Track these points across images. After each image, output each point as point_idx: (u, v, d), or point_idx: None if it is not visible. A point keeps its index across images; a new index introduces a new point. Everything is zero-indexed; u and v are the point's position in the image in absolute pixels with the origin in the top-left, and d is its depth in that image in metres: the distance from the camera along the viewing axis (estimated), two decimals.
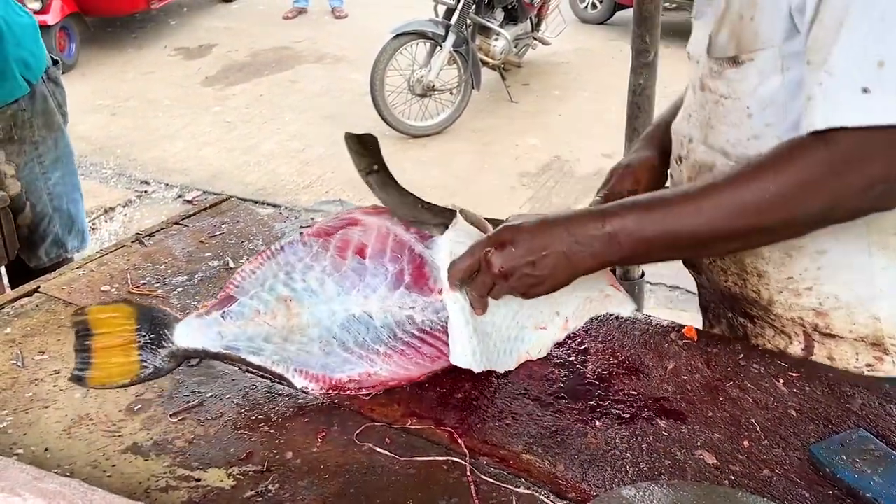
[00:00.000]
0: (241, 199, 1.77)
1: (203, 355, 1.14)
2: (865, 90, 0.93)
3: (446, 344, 1.15)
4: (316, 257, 1.17)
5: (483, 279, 1.10)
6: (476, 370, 1.14)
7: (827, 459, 1.02)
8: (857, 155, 0.95)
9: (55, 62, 2.31)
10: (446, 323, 1.15)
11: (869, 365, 1.21)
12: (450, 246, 1.15)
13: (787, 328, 1.26)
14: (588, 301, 1.24)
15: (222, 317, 1.13)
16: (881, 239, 1.14)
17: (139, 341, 1.11)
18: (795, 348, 1.26)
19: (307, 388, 1.13)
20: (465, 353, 1.13)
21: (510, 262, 1.06)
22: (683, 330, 1.30)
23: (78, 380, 1.11)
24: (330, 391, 1.14)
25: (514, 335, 1.18)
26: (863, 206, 1.00)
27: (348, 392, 1.15)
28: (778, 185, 0.98)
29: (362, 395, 1.15)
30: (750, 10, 1.10)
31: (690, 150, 1.28)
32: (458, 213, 1.18)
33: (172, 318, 1.14)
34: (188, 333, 1.12)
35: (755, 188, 0.99)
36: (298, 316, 1.13)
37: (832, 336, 1.22)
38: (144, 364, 1.11)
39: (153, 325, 1.12)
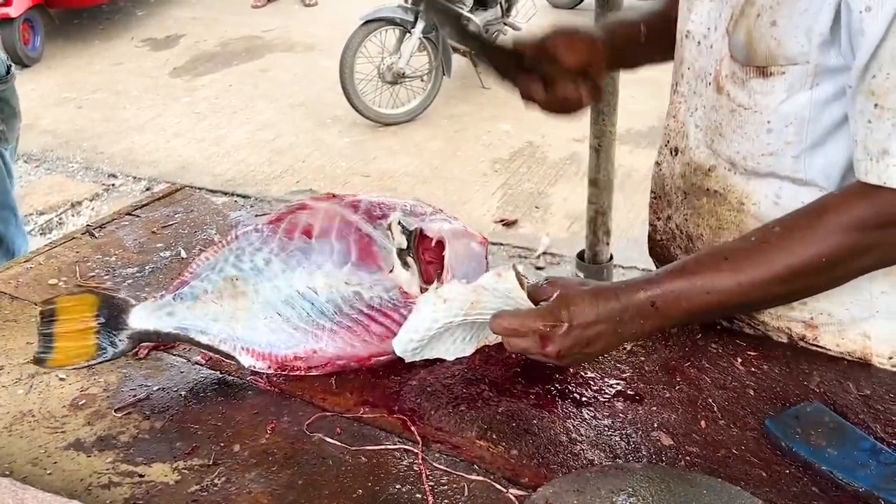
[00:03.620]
0: (211, 191, 1.73)
1: (155, 337, 1.14)
2: None
3: (397, 323, 1.14)
4: (265, 241, 1.19)
5: (526, 346, 1.02)
6: (407, 361, 1.11)
7: (782, 433, 1.01)
8: None
9: (8, 71, 2.19)
10: (396, 302, 1.15)
11: None
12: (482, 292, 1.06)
13: (769, 333, 1.24)
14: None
15: (174, 299, 1.15)
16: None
17: (97, 327, 1.13)
18: None
19: (255, 366, 1.13)
20: (406, 349, 1.10)
21: (567, 344, 1.00)
22: None
23: (39, 361, 1.13)
24: (278, 370, 1.13)
25: (478, 325, 1.16)
26: None
27: (298, 372, 1.13)
28: (832, 251, 0.98)
29: (313, 374, 1.14)
30: (772, 13, 1.02)
31: (687, 148, 1.23)
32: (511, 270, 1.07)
33: (130, 304, 1.16)
34: (142, 316, 1.14)
35: (808, 255, 0.98)
36: (244, 294, 1.14)
37: (817, 346, 1.20)
38: (101, 347, 1.12)
39: (111, 311, 1.14)
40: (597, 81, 1.28)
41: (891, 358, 1.17)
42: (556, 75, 1.25)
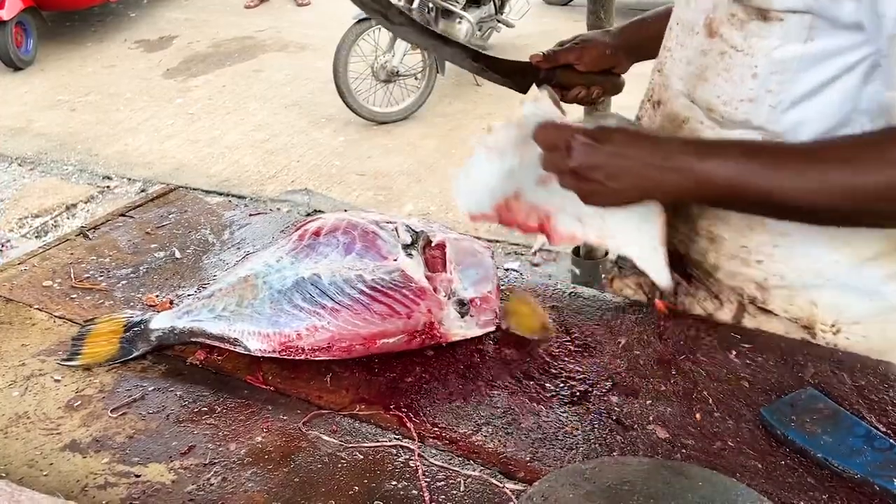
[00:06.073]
0: (205, 191, 1.73)
1: (172, 336, 1.21)
2: None
3: (399, 302, 1.17)
4: (281, 247, 1.29)
5: (554, 159, 0.99)
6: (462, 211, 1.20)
7: (777, 421, 1.02)
8: None
9: None
10: (398, 283, 1.18)
11: None
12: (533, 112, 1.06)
13: (722, 294, 1.25)
14: (637, 241, 1.17)
15: (191, 299, 1.25)
16: (843, 236, 1.12)
17: (124, 333, 1.23)
18: (724, 315, 1.25)
19: (261, 349, 1.15)
20: (470, 205, 1.18)
21: (588, 161, 0.96)
22: (654, 304, 1.29)
23: (68, 360, 1.21)
24: (282, 352, 1.15)
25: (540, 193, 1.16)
26: None
27: (302, 356, 1.14)
28: None
29: (318, 358, 1.14)
30: None
31: (668, 99, 1.23)
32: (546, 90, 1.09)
33: (154, 315, 1.25)
34: (162, 319, 1.23)
35: (878, 174, 0.93)
36: (254, 286, 1.20)
37: (766, 311, 1.22)
38: (124, 348, 1.21)
39: (137, 322, 1.24)
40: (617, 81, 1.40)
41: (833, 326, 1.19)
42: (571, 81, 1.35)
